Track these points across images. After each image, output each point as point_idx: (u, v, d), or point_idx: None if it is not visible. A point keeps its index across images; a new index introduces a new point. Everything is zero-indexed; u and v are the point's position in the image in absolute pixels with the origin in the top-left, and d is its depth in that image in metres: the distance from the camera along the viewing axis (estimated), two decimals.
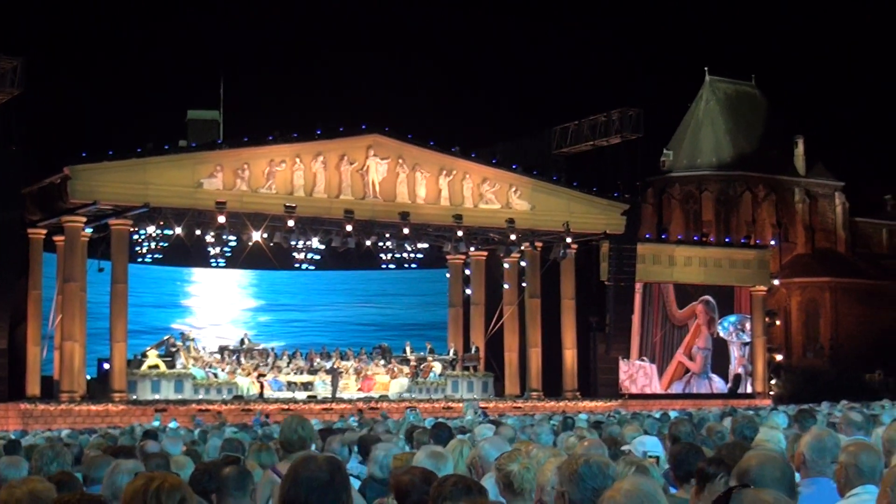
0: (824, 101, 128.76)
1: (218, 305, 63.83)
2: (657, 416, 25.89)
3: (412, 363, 57.47)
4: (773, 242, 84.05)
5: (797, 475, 8.23)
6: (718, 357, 68.27)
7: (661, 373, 66.80)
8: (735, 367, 68.74)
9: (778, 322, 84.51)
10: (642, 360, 66.19)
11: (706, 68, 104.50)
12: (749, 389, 68.39)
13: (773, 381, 74.36)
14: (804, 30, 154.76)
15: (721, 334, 68.44)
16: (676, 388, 66.69)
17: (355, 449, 13.73)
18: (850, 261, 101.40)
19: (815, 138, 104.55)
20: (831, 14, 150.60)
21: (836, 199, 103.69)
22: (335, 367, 54.73)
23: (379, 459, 10.08)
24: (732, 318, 68.86)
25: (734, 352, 68.81)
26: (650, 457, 10.15)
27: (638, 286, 64.52)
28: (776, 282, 76.12)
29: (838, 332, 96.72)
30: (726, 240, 78.46)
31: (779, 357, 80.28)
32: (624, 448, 11.18)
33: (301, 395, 53.41)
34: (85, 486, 9.36)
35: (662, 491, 5.73)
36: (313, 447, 10.43)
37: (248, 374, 53.47)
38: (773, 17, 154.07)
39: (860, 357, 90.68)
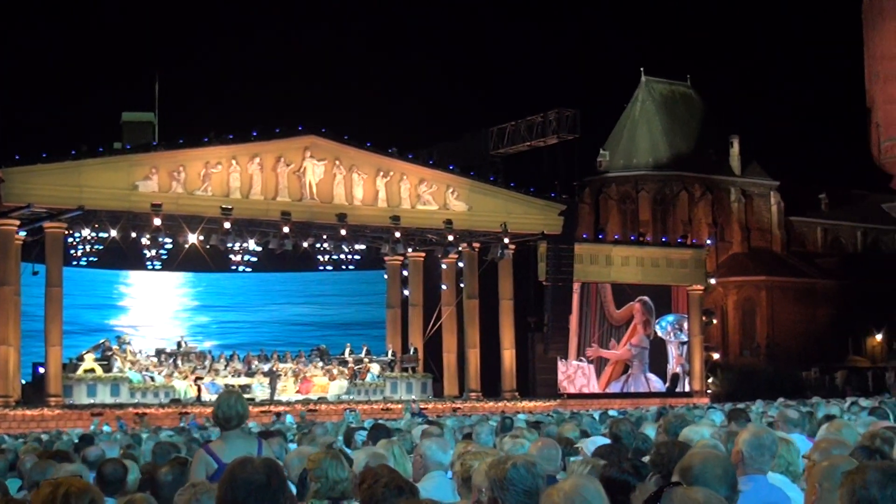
0: (759, 101, 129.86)
1: (154, 308, 63.37)
2: (596, 415, 25.94)
3: (350, 365, 57.31)
4: (709, 242, 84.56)
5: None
6: (656, 356, 68.52)
7: (599, 372, 66.99)
8: (673, 367, 69.01)
9: (715, 321, 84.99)
10: (580, 360, 66.34)
11: (642, 69, 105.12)
12: (687, 388, 68.71)
13: (710, 380, 74.78)
14: (739, 30, 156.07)
15: (659, 334, 68.70)
16: (615, 388, 66.87)
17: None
18: (785, 260, 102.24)
19: (751, 138, 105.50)
20: (765, 15, 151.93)
21: (771, 198, 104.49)
22: (273, 369, 54.47)
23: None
24: (670, 318, 69.13)
25: (672, 351, 69.08)
26: None
27: (576, 286, 64.65)
28: (713, 281, 76.58)
29: (774, 331, 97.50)
30: (663, 239, 78.79)
31: (716, 356, 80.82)
32: (577, 446, 11.20)
33: None
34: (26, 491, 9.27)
35: (605, 496, 5.65)
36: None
37: (186, 377, 53.11)
38: (708, 17, 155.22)
39: (796, 355, 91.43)
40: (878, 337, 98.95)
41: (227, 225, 51.19)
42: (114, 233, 51.21)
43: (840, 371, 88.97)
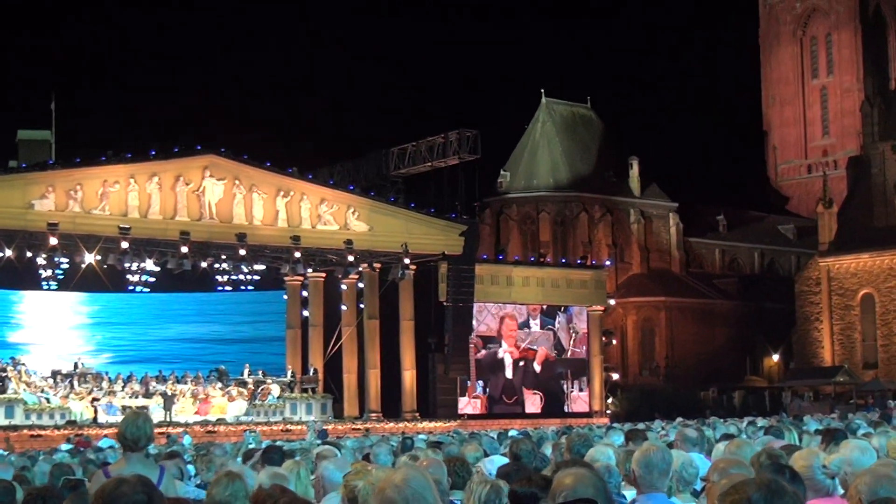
0: (658, 123, 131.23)
1: (50, 329, 62.33)
2: (494, 435, 25.87)
3: (250, 386, 56.83)
4: (608, 262, 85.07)
5: (632, 492, 8.21)
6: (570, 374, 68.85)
7: (497, 393, 67.05)
8: (569, 387, 69.29)
9: (614, 341, 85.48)
10: (482, 380, 66.38)
11: (543, 90, 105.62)
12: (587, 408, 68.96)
13: (609, 400, 75.15)
14: (639, 53, 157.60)
15: (554, 353, 68.97)
16: (516, 409, 66.94)
17: (191, 471, 13.43)
18: (684, 280, 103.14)
19: (650, 160, 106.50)
20: (665, 39, 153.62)
21: (670, 219, 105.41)
22: (166, 391, 53.86)
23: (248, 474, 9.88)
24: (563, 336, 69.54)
25: (569, 372, 69.38)
26: None
27: (477, 307, 64.71)
28: (612, 301, 77.00)
29: (673, 351, 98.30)
30: (563, 260, 79.19)
31: (615, 376, 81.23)
32: (477, 466, 11.09)
33: None
34: None
35: (435, 487, 5.67)
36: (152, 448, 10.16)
37: (82, 398, 52.35)
38: (607, 40, 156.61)
39: (695, 375, 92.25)
40: (775, 357, 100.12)
41: (124, 244, 50.60)
42: (9, 252, 50.33)
43: (738, 391, 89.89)
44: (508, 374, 67.85)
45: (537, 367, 68.49)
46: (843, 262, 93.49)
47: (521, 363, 68.30)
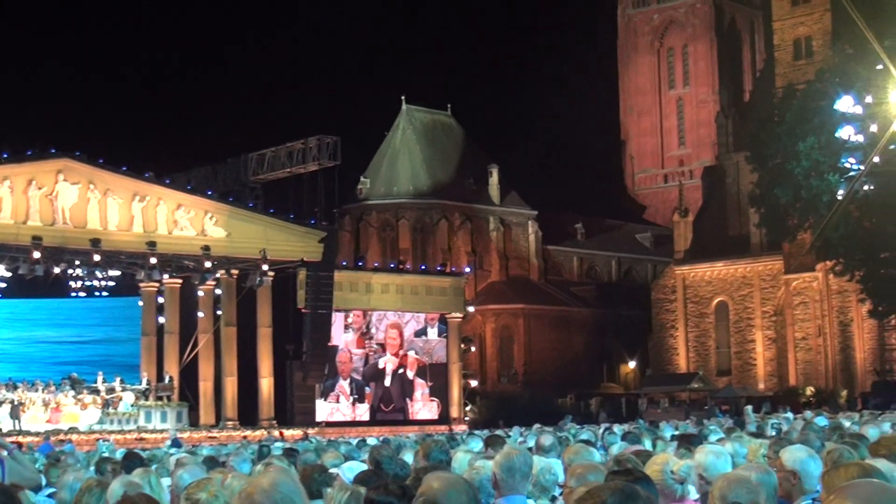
0: (518, 131, 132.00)
1: None
2: (354, 442, 25.71)
3: (103, 394, 55.88)
4: (468, 270, 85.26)
5: (492, 496, 8.11)
6: (409, 384, 68.92)
7: (359, 400, 66.97)
8: (427, 395, 69.48)
9: (473, 348, 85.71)
10: (350, 386, 66.30)
11: (403, 97, 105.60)
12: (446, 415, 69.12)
13: (468, 407, 75.33)
14: (499, 62, 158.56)
15: (417, 358, 69.06)
16: (377, 416, 66.96)
17: (42, 481, 13.07)
18: (542, 288, 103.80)
19: (509, 168, 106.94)
20: (524, 47, 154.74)
21: (529, 227, 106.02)
22: (17, 398, 52.73)
23: (69, 484, 9.61)
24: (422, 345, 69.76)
25: (425, 380, 69.62)
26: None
27: (341, 314, 64.54)
28: (471, 309, 77.29)
29: (531, 358, 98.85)
30: (422, 267, 79.25)
31: (474, 383, 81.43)
32: (332, 472, 10.89)
33: None
34: None
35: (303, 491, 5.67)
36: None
37: None
38: (468, 48, 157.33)
39: (552, 382, 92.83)
40: (632, 364, 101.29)
41: None
42: None
43: (594, 397, 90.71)
44: (387, 381, 68.12)
45: (410, 374, 68.70)
46: (698, 271, 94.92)
47: (400, 371, 68.47)
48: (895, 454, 8.10)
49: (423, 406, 69.11)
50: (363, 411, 67.06)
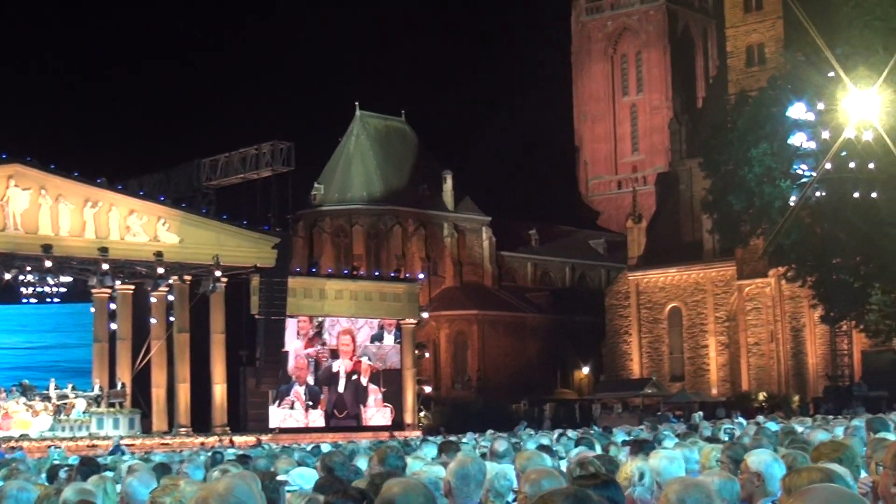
0: (472, 137, 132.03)
1: None
2: (308, 448, 25.64)
3: (54, 400, 55.46)
4: (422, 276, 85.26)
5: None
6: (363, 390, 68.87)
7: (313, 406, 66.81)
8: (380, 401, 69.45)
9: (427, 354, 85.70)
10: (305, 393, 66.15)
11: (357, 103, 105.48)
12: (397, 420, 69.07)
13: (422, 413, 75.27)
14: (452, 68, 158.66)
15: (370, 364, 69.05)
16: (331, 422, 66.81)
17: None
18: (496, 294, 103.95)
19: (463, 174, 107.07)
20: (478, 53, 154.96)
21: (483, 233, 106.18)
22: None
23: (13, 494, 9.49)
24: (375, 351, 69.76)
25: (378, 385, 69.62)
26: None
27: (299, 319, 64.40)
28: (425, 315, 77.24)
29: (485, 364, 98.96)
30: (376, 273, 79.19)
31: (428, 389, 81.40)
32: (279, 478, 10.84)
33: None
34: None
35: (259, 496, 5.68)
36: None
37: None
38: (422, 54, 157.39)
39: (506, 388, 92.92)
40: (585, 370, 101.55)
41: None
42: None
43: (548, 403, 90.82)
44: (341, 387, 68.05)
45: (364, 380, 68.65)
46: (652, 277, 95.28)
47: (354, 377, 68.41)
48: (835, 460, 8.14)
49: (376, 412, 69.00)
50: (316, 417, 66.86)
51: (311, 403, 66.82)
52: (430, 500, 5.95)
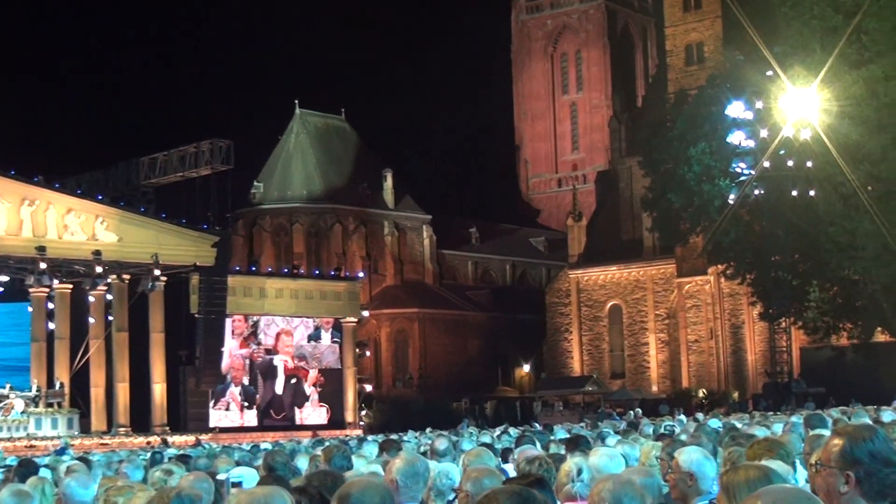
0: (412, 136, 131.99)
1: None
2: (247, 448, 25.58)
3: None
4: (362, 274, 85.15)
5: None
6: (299, 390, 68.83)
7: (249, 406, 66.65)
8: (316, 400, 69.39)
9: (368, 353, 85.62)
10: (241, 392, 65.93)
11: (297, 101, 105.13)
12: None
13: (364, 412, 75.20)
14: (392, 66, 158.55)
15: (307, 363, 68.92)
16: (264, 422, 66.64)
17: None
18: (437, 292, 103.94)
19: (404, 172, 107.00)
20: (416, 52, 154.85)
21: (423, 231, 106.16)
22: None
23: None
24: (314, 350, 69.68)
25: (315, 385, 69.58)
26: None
27: (234, 318, 64.15)
28: (366, 313, 77.16)
29: (427, 362, 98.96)
30: (316, 272, 79.02)
31: (369, 387, 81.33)
32: (220, 478, 10.77)
33: None
34: None
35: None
36: None
37: None
38: (361, 53, 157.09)
39: (448, 386, 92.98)
40: (526, 368, 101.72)
41: None
42: None
43: (490, 401, 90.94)
44: (288, 387, 67.94)
45: (300, 380, 68.53)
46: (592, 275, 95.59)
47: (290, 376, 68.29)
48: (771, 457, 8.15)
49: (312, 411, 68.93)
50: (251, 418, 66.69)
51: (246, 404, 66.67)
52: (387, 499, 5.95)
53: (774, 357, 68.83)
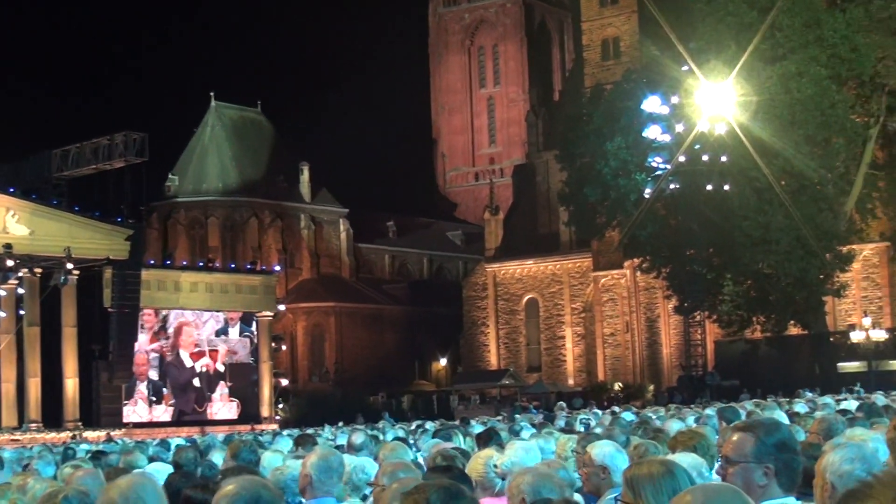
0: (329, 129, 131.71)
1: None
2: (156, 443, 25.32)
3: None
4: (278, 268, 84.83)
5: (297, 496, 7.95)
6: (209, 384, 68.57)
7: (157, 402, 66.22)
8: (227, 395, 69.15)
9: (284, 347, 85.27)
10: (148, 388, 65.38)
11: (212, 94, 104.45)
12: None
13: (280, 406, 74.90)
14: (308, 59, 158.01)
15: (216, 358, 68.66)
16: (176, 417, 66.27)
17: None
18: (354, 286, 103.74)
19: (321, 166, 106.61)
20: (334, 44, 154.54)
21: (340, 225, 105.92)
22: None
23: None
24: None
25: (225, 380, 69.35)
26: None
27: (143, 312, 63.59)
28: (282, 307, 76.84)
29: (343, 356, 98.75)
30: (232, 266, 78.58)
31: (284, 382, 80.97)
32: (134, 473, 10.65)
33: None
34: None
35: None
36: None
37: None
38: (277, 45, 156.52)
39: (364, 380, 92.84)
40: (443, 362, 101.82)
41: None
42: None
43: (407, 395, 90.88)
44: (196, 382, 67.52)
45: (210, 375, 68.19)
46: (509, 268, 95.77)
47: (199, 371, 67.86)
48: (690, 449, 8.14)
49: (222, 406, 68.60)
50: (160, 413, 66.20)
51: (154, 399, 66.16)
52: (268, 498, 5.79)
53: (689, 350, 69.29)
